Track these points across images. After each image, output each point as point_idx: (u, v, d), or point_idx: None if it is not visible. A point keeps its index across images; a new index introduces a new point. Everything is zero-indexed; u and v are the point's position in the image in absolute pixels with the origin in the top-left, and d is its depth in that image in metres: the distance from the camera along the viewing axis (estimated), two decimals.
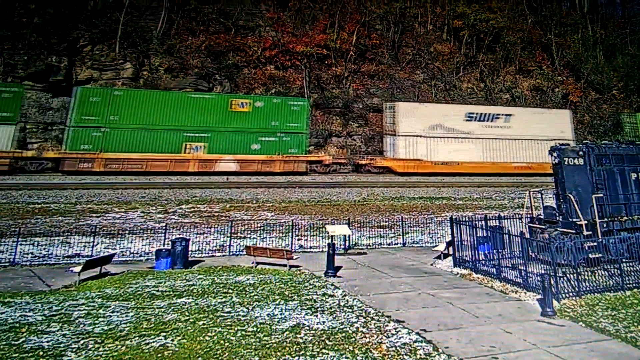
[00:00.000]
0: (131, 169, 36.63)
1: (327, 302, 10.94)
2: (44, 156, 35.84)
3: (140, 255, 16.37)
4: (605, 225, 14.62)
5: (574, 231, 14.09)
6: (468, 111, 47.42)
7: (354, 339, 8.64)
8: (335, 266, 14.18)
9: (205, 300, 10.87)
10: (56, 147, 37.57)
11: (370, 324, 9.49)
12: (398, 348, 8.31)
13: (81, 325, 9.05)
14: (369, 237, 19.72)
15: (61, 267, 14.62)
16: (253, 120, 40.82)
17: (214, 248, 17.49)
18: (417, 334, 9.07)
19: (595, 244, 13.57)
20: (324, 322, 9.52)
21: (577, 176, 15.11)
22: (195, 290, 11.73)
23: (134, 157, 37.05)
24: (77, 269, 13.06)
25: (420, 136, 44.28)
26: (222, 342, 8.35)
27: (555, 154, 15.43)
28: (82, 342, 8.24)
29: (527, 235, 14.77)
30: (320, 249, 17.42)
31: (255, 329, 9.04)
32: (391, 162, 43.63)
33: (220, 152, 39.25)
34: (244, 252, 16.13)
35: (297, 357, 7.81)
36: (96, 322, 9.27)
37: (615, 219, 15.10)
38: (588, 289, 11.96)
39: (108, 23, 46.09)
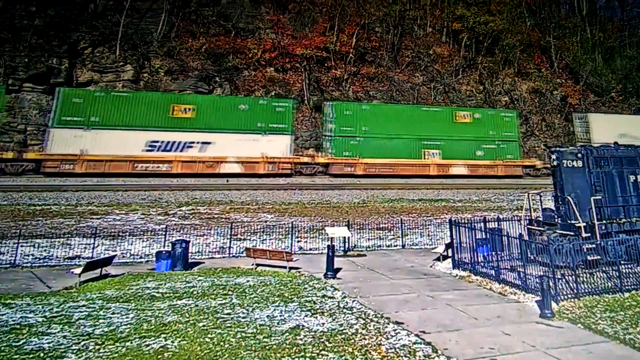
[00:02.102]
0: (383, 172, 42.08)
1: (326, 303, 10.99)
2: (316, 161, 41.53)
3: (141, 257, 16.41)
4: (603, 228, 14.67)
5: (572, 233, 14.13)
6: None
7: (353, 341, 8.68)
8: (335, 268, 14.22)
9: (205, 301, 10.91)
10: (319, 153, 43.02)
11: (370, 326, 9.53)
12: (397, 350, 8.36)
13: (82, 327, 9.09)
14: (369, 239, 19.77)
15: (62, 269, 14.66)
16: (474, 130, 46.18)
17: (214, 250, 17.53)
18: (417, 335, 9.11)
19: (593, 246, 13.62)
20: (323, 323, 9.57)
21: (575, 178, 15.16)
22: (195, 292, 11.77)
23: (385, 162, 42.54)
24: (78, 270, 13.10)
25: None
26: (222, 343, 8.39)
27: (554, 156, 15.47)
28: (82, 343, 8.28)
29: (526, 237, 14.81)
30: (320, 251, 17.45)
31: (255, 330, 9.08)
32: None
33: (451, 157, 44.54)
34: (244, 254, 16.18)
35: (296, 359, 7.85)
36: (96, 323, 9.31)
37: (614, 221, 15.15)
38: (586, 290, 12.00)
39: (108, 25, 46.16)
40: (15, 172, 34.17)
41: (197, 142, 37.92)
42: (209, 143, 38.14)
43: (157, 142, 37.10)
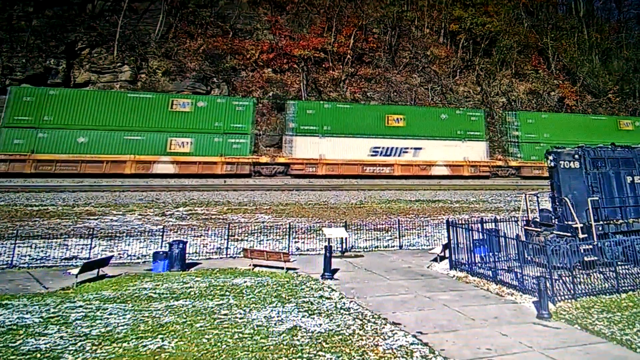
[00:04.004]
0: (539, 174, 45.13)
1: (323, 304, 10.98)
2: (509, 164, 46.14)
3: (138, 258, 16.38)
4: (600, 228, 14.71)
5: (569, 234, 14.16)
6: None
7: (350, 342, 8.68)
8: (332, 269, 14.23)
9: (202, 302, 10.90)
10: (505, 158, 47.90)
11: (367, 327, 9.53)
12: (394, 350, 8.36)
13: (78, 328, 9.07)
14: (366, 239, 19.77)
15: (59, 270, 14.63)
16: (637, 137, 48.38)
17: (212, 250, 17.51)
18: (414, 336, 9.12)
19: (590, 246, 13.66)
20: (320, 324, 9.56)
21: (572, 179, 15.21)
22: (192, 293, 11.76)
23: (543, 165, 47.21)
24: (75, 271, 13.07)
25: None
26: (219, 344, 8.38)
27: (551, 157, 15.53)
28: (79, 344, 8.26)
29: (523, 238, 14.84)
30: (318, 252, 17.46)
31: (252, 331, 9.07)
32: None
33: None
34: (241, 255, 16.16)
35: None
36: (93, 324, 9.29)
37: (611, 222, 15.20)
38: (584, 291, 12.04)
39: (106, 26, 46.06)
40: (270, 174, 39.19)
41: (411, 148, 42.93)
42: (420, 148, 43.13)
43: (378, 147, 42.14)
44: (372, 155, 41.96)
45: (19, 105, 34.54)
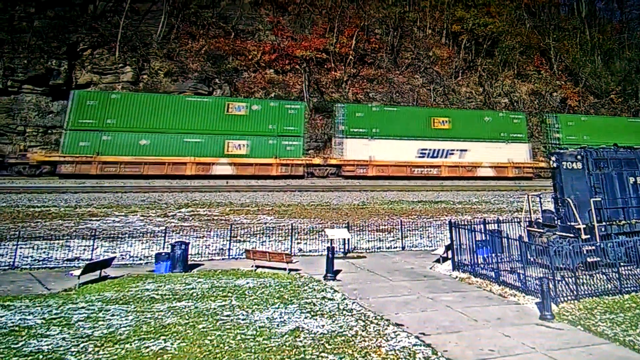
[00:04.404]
0: None
1: (326, 305, 10.97)
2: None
3: (140, 259, 16.38)
4: (603, 229, 14.65)
5: (572, 235, 14.12)
6: None
7: (353, 343, 8.66)
8: (335, 270, 14.21)
9: (204, 303, 10.89)
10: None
11: (370, 328, 9.51)
12: (397, 352, 8.34)
13: (81, 329, 9.06)
14: (368, 240, 19.75)
15: (61, 271, 14.64)
16: None
17: (214, 252, 17.51)
18: (416, 337, 9.09)
19: (593, 247, 13.61)
20: (323, 325, 9.55)
21: (575, 180, 15.17)
22: (194, 294, 11.75)
23: None
24: (77, 272, 13.08)
25: None
26: (221, 345, 8.37)
27: (553, 158, 15.50)
28: (81, 345, 8.26)
29: (526, 239, 14.80)
30: (320, 253, 17.44)
31: (254, 332, 9.06)
32: None
33: None
34: (244, 256, 16.16)
35: None
36: (96, 325, 9.28)
37: (614, 222, 15.14)
38: (586, 292, 11.99)
39: (108, 27, 46.17)
40: (322, 175, 40.40)
41: (456, 150, 44.38)
42: (465, 150, 44.53)
43: (425, 149, 43.63)
44: (419, 156, 43.21)
45: (83, 108, 35.86)
